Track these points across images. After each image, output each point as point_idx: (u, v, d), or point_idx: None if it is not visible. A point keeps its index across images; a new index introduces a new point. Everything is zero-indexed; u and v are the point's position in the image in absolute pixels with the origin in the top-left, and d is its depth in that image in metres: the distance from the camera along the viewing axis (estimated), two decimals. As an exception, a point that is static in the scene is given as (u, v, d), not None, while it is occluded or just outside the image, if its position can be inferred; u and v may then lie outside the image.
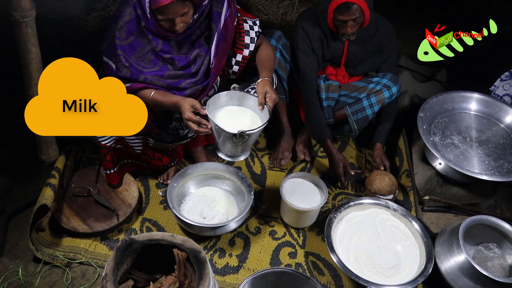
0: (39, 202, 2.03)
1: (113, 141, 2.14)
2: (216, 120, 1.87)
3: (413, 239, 2.16)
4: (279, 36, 2.48)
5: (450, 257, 2.02)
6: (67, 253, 2.06)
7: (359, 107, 2.54)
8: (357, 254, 2.09)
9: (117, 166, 2.24)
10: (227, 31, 2.07)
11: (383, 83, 2.50)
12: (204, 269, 1.57)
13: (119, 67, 1.96)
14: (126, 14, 1.93)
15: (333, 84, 2.56)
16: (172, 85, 2.03)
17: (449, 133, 2.53)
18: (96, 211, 2.19)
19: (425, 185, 2.47)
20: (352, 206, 2.25)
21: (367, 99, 2.51)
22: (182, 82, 2.05)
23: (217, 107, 1.97)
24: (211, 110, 1.91)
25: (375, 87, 2.50)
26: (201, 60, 2.07)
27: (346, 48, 2.49)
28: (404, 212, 2.22)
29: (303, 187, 2.27)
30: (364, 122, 2.57)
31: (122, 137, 2.12)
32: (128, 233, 2.19)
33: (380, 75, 2.55)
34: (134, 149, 2.18)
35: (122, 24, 1.93)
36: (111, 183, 2.27)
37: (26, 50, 1.84)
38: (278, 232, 2.26)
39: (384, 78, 2.51)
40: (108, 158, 2.18)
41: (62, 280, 1.98)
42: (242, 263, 2.12)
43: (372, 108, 2.52)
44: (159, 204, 2.34)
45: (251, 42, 2.16)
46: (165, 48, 2.02)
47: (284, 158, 2.58)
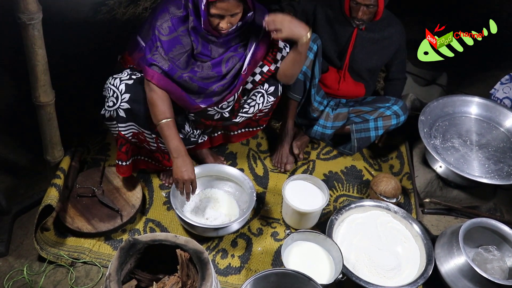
0: (44, 202, 2.04)
1: (131, 133, 2.11)
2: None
3: (413, 241, 2.16)
4: (315, 38, 2.37)
5: (450, 259, 2.01)
6: (71, 252, 2.06)
7: (364, 126, 2.54)
8: (358, 256, 2.09)
9: (130, 160, 2.22)
10: (264, 44, 2.07)
11: (394, 109, 2.49)
12: (207, 270, 1.57)
13: (156, 58, 1.93)
14: (173, 9, 1.92)
15: (342, 112, 2.53)
16: (203, 87, 2.02)
17: (450, 136, 2.54)
18: (100, 211, 2.19)
19: (426, 188, 2.47)
20: (353, 208, 2.25)
21: (374, 122, 2.51)
22: (212, 85, 2.04)
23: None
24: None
25: (385, 112, 2.49)
26: (233, 63, 2.05)
27: (355, 35, 2.42)
28: (405, 214, 2.22)
29: (305, 189, 2.28)
30: (365, 143, 2.57)
31: (140, 131, 2.11)
32: (131, 234, 2.19)
33: (392, 100, 2.52)
34: (150, 144, 2.17)
35: (168, 18, 1.91)
36: (121, 175, 2.26)
37: (33, 52, 1.84)
38: (280, 233, 2.27)
39: (395, 105, 2.49)
40: (124, 149, 2.15)
41: (66, 280, 1.98)
42: (244, 264, 2.12)
43: (377, 131, 2.53)
44: (162, 205, 2.34)
45: (280, 59, 2.15)
46: (204, 51, 2.00)
47: (289, 162, 2.57)
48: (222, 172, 2.34)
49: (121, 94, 1.99)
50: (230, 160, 2.60)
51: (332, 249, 2.01)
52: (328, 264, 2.01)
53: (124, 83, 2.00)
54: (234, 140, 2.54)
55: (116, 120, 2.04)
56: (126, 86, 1.99)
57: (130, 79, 2.01)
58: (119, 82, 2.00)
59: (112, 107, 2.01)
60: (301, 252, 2.04)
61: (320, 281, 1.77)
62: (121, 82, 2.00)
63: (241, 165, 2.58)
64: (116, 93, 1.99)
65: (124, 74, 2.04)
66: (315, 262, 2.01)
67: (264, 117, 2.44)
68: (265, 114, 2.40)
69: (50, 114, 2.06)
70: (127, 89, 1.99)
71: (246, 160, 2.62)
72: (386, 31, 2.45)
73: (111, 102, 2.01)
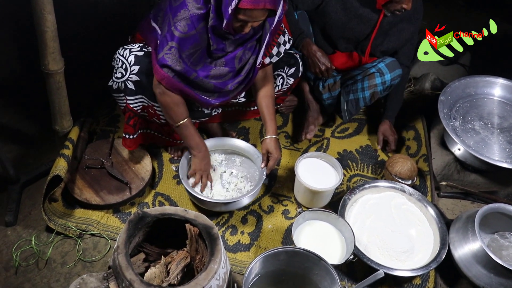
0: (52, 173, 2.04)
1: (140, 106, 2.09)
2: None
3: (427, 225, 2.14)
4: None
5: (464, 244, 2.00)
6: (79, 224, 2.08)
7: (353, 88, 2.47)
8: (370, 237, 2.08)
9: (137, 133, 2.21)
10: (275, 31, 2.03)
11: (378, 67, 2.38)
12: (216, 245, 1.57)
13: (168, 58, 1.83)
14: (192, 5, 1.81)
15: (330, 82, 2.51)
16: (218, 87, 2.00)
17: (470, 118, 2.49)
18: (109, 183, 2.20)
19: (443, 171, 2.44)
20: (367, 189, 2.23)
21: (361, 82, 2.44)
22: (228, 83, 2.02)
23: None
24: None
25: (369, 70, 2.41)
26: (246, 58, 2.01)
27: (381, 19, 2.31)
28: (420, 197, 2.20)
29: (318, 167, 2.26)
30: (355, 106, 2.50)
31: (150, 105, 2.09)
32: (140, 207, 2.20)
33: (381, 59, 2.43)
34: (160, 118, 2.16)
35: (187, 16, 1.80)
36: (127, 148, 2.25)
37: (42, 18, 1.82)
38: (291, 211, 2.26)
39: (381, 62, 2.40)
40: (131, 122, 2.14)
41: (74, 251, 2.00)
42: (254, 241, 2.12)
43: (363, 92, 2.44)
44: (172, 179, 2.34)
45: (276, 55, 2.12)
46: (220, 46, 1.93)
47: (309, 131, 2.56)
48: (235, 147, 2.32)
49: (130, 65, 1.96)
50: (242, 135, 2.59)
51: (344, 229, 2.01)
52: (340, 244, 2.00)
53: (134, 54, 1.97)
54: (249, 116, 2.52)
55: (124, 92, 2.02)
56: (135, 58, 1.96)
57: (140, 51, 1.98)
58: (128, 53, 1.97)
59: (120, 78, 1.99)
60: (312, 231, 2.04)
61: (331, 261, 1.77)
62: (131, 53, 1.97)
63: (254, 141, 2.56)
64: (125, 64, 1.97)
65: (135, 45, 2.01)
66: (326, 241, 2.01)
67: (282, 95, 2.41)
68: (283, 93, 2.38)
69: (59, 83, 2.05)
70: (137, 61, 1.96)
71: (259, 136, 2.60)
72: (406, 12, 2.32)
73: (120, 74, 1.99)
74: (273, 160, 2.13)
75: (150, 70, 1.96)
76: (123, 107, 2.11)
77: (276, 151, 2.12)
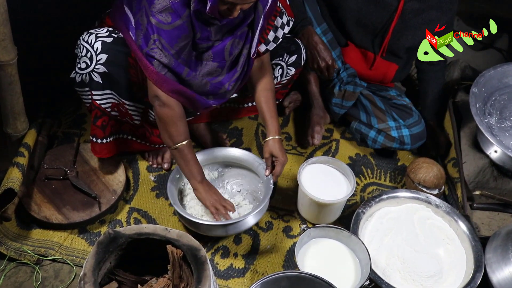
0: (4, 186, 2.04)
1: (109, 104, 2.10)
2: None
3: (458, 243, 2.16)
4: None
5: (504, 266, 2.01)
6: (37, 248, 2.08)
7: (364, 131, 2.57)
8: (389, 258, 2.10)
9: (109, 138, 2.22)
10: (270, 13, 2.03)
11: (402, 134, 2.49)
12: (204, 271, 1.58)
13: (155, 54, 1.82)
14: None
15: (349, 89, 2.52)
16: (217, 87, 2.02)
17: (509, 114, 2.51)
18: (74, 197, 2.21)
19: (476, 177, 2.45)
20: (385, 200, 2.25)
21: (376, 133, 2.53)
22: (224, 82, 2.03)
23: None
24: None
25: (391, 130, 2.50)
26: (238, 49, 2.01)
27: (402, 4, 2.33)
28: (449, 209, 2.22)
29: (325, 174, 2.27)
30: (359, 137, 2.63)
31: (121, 103, 2.10)
32: (112, 225, 2.21)
33: (411, 119, 2.51)
34: (133, 119, 2.17)
35: (167, 4, 1.78)
36: (96, 155, 2.25)
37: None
38: (293, 228, 2.27)
39: (407, 129, 2.49)
40: (99, 123, 2.14)
41: (31, 280, 2.00)
42: (250, 265, 2.13)
43: (374, 144, 2.56)
44: (150, 191, 2.35)
45: (273, 41, 2.12)
46: (204, 34, 1.92)
47: (315, 134, 2.56)
48: (230, 157, 2.33)
49: (96, 54, 1.96)
50: (234, 137, 2.60)
51: (358, 249, 2.01)
52: (353, 268, 2.01)
53: (100, 41, 1.97)
54: (243, 114, 2.53)
55: (90, 86, 2.03)
56: (103, 45, 1.97)
57: (109, 37, 1.99)
58: (94, 39, 1.97)
59: (84, 69, 1.99)
60: (320, 252, 2.05)
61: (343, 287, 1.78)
62: (98, 39, 1.97)
63: (248, 144, 2.58)
64: (90, 53, 1.97)
65: (102, 30, 2.01)
66: (336, 264, 2.02)
67: (281, 89, 2.43)
68: (283, 86, 2.39)
69: (12, 77, 2.06)
70: (104, 49, 1.96)
71: (254, 138, 2.62)
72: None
73: (84, 64, 1.99)
74: (279, 165, 2.12)
75: (120, 60, 1.96)
76: (88, 104, 2.12)
77: (282, 153, 2.12)
